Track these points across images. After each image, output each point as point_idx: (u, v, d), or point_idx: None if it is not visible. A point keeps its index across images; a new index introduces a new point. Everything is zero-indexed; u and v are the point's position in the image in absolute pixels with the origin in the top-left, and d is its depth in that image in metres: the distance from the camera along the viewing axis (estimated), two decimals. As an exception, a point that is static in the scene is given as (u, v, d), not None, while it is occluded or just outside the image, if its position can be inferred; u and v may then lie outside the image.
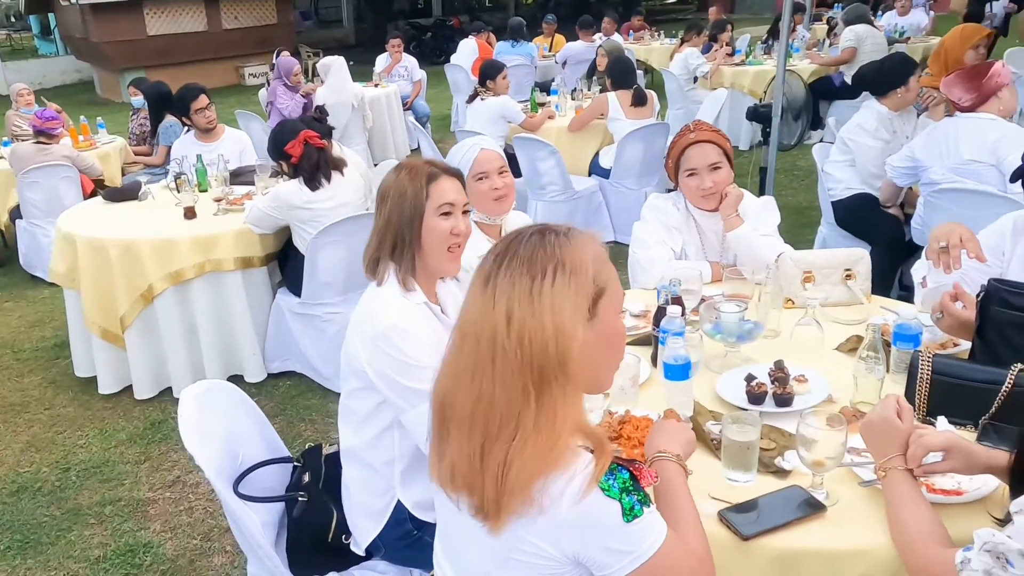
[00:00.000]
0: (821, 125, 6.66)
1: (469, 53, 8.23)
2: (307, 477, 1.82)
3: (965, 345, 1.78)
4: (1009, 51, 6.40)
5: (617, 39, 8.70)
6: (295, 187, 3.19)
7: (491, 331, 1.03)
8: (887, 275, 3.31)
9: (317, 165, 3.18)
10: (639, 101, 4.85)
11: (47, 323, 4.44)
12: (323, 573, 1.77)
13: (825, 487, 1.37)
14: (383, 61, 7.95)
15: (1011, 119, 3.16)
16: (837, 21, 8.27)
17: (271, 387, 3.54)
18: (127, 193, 3.93)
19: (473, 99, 5.25)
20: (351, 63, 6.62)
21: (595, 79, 6.25)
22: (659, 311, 1.83)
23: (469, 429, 1.05)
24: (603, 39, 8.32)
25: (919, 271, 2.09)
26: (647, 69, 9.31)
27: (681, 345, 1.59)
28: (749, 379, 1.67)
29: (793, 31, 7.57)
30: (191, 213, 3.49)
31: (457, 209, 1.68)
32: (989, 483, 1.33)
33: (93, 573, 2.52)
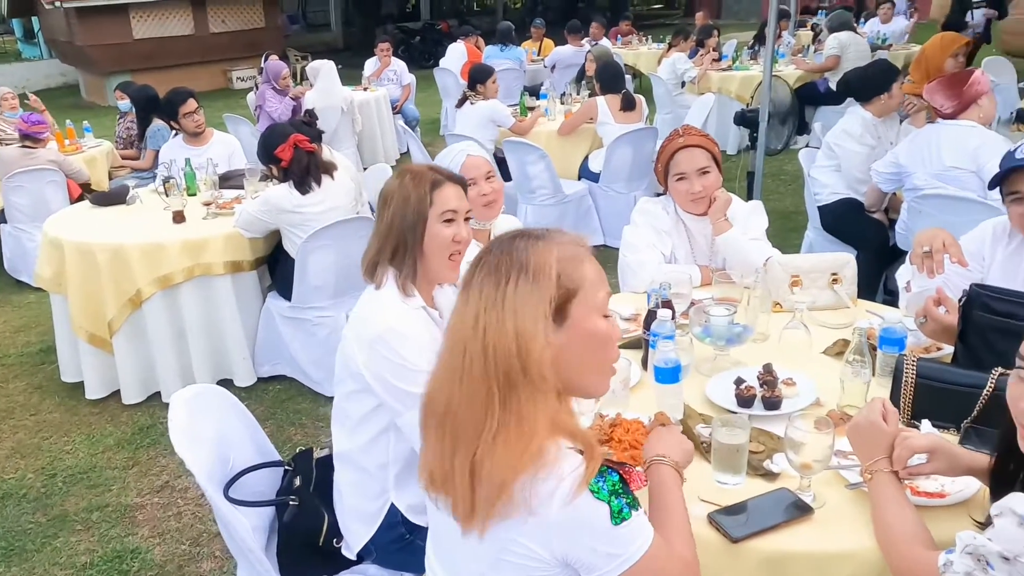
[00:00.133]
0: (807, 130, 6.72)
1: (458, 57, 8.26)
2: (298, 481, 1.82)
3: (948, 349, 1.80)
4: (987, 59, 6.49)
5: (605, 44, 8.76)
6: (285, 191, 3.19)
7: (463, 336, 1.08)
8: (872, 279, 3.35)
9: (307, 169, 3.18)
10: (628, 105, 4.88)
11: (32, 328, 4.41)
12: (314, 578, 1.76)
13: (813, 490, 1.39)
14: (372, 65, 7.95)
15: (990, 126, 3.21)
16: (822, 28, 8.36)
17: (261, 391, 3.53)
18: (115, 197, 3.90)
19: (463, 103, 5.25)
20: (340, 67, 6.61)
21: (584, 83, 6.29)
22: (649, 315, 1.85)
23: (443, 431, 1.09)
24: (591, 44, 8.37)
25: (904, 276, 2.12)
26: (635, 74, 9.36)
27: (671, 348, 1.60)
28: (738, 382, 1.69)
29: (779, 37, 7.64)
30: (180, 217, 3.47)
31: (459, 216, 1.69)
32: (971, 486, 1.36)
33: (80, 580, 2.49)
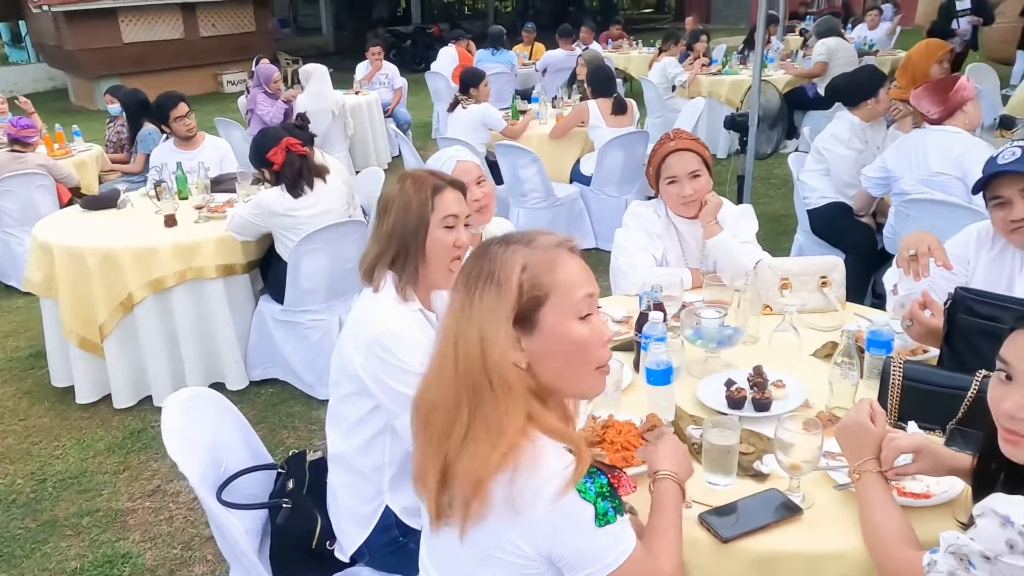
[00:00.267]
0: (796, 134, 6.78)
1: (449, 61, 8.27)
2: (291, 484, 1.82)
3: (934, 352, 1.83)
4: (971, 66, 6.56)
5: (596, 48, 8.79)
6: (277, 194, 3.19)
7: (441, 341, 1.13)
8: (860, 283, 3.38)
9: (300, 172, 3.18)
10: (619, 109, 4.91)
11: (22, 333, 4.38)
12: (307, 580, 1.77)
13: (802, 490, 1.41)
14: (363, 69, 7.96)
15: (975, 132, 3.25)
16: (810, 33, 8.44)
17: (253, 395, 3.52)
18: (105, 201, 3.89)
19: (455, 107, 5.27)
20: (331, 70, 6.62)
21: (575, 87, 6.32)
22: (641, 317, 1.86)
23: (424, 432, 1.13)
24: (582, 48, 8.41)
25: (891, 279, 2.15)
26: (626, 78, 9.41)
27: (663, 350, 1.62)
28: (729, 384, 1.71)
29: (768, 42, 7.71)
30: (172, 221, 3.47)
31: (460, 221, 1.70)
32: (956, 487, 1.38)
33: (70, 585, 2.48)
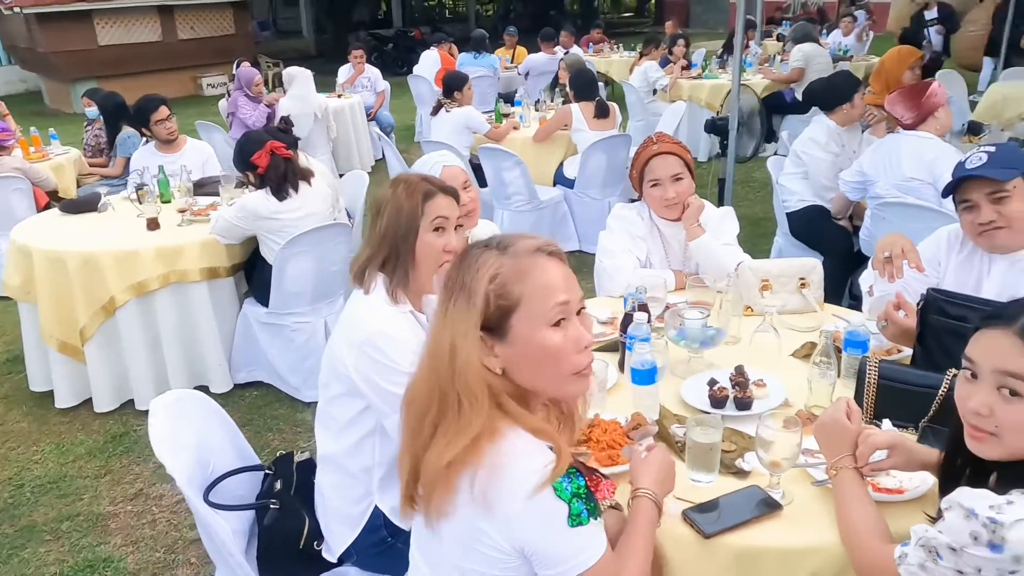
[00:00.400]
0: (775, 138, 6.88)
1: (432, 64, 8.29)
2: (279, 485, 1.83)
3: (908, 351, 1.88)
4: (940, 73, 6.65)
5: (577, 51, 8.86)
6: (262, 197, 3.19)
7: (426, 344, 1.19)
8: (838, 284, 3.44)
9: (284, 175, 3.18)
10: (602, 113, 4.95)
11: (-1, 337, 4.34)
12: (294, 580, 1.78)
13: (781, 487, 1.45)
14: (346, 72, 7.95)
15: (945, 137, 3.33)
16: (788, 39, 8.56)
17: (237, 397, 3.52)
18: (85, 205, 3.86)
19: (438, 110, 5.28)
20: (313, 74, 6.60)
21: (557, 91, 6.36)
22: (626, 318, 1.89)
23: (404, 427, 1.19)
24: (564, 52, 8.47)
25: (866, 280, 2.20)
26: (607, 81, 9.47)
27: (648, 351, 1.65)
28: (711, 384, 1.74)
29: (746, 47, 7.82)
30: (154, 224, 3.45)
31: (450, 224, 1.72)
32: (927, 482, 1.42)
33: (49, 591, 2.47)
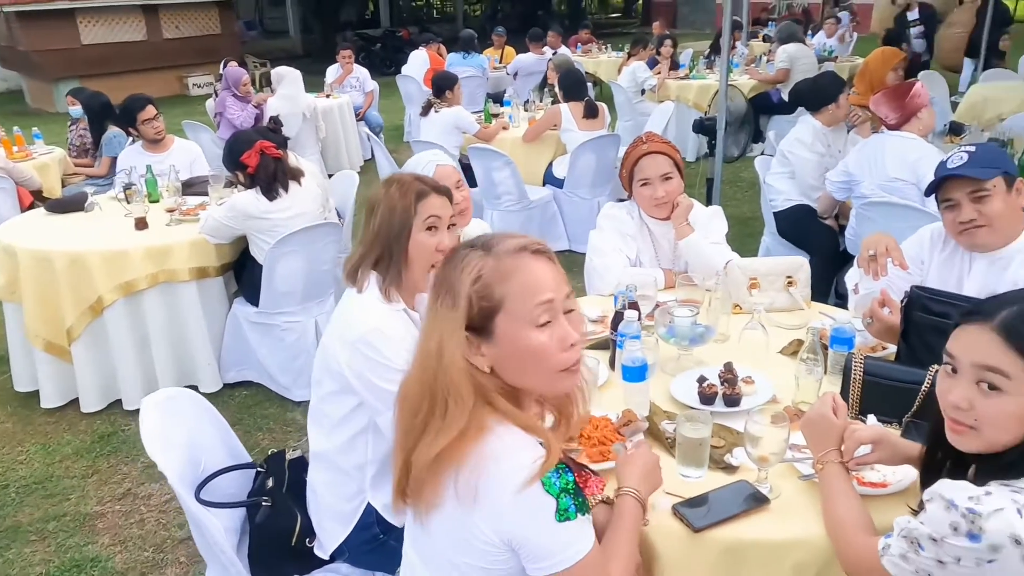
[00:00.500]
0: (761, 138, 6.94)
1: (421, 64, 8.29)
2: (271, 482, 1.84)
3: (893, 348, 1.91)
4: (921, 74, 6.73)
5: (565, 52, 8.89)
6: (252, 197, 3.19)
7: (418, 342, 1.21)
8: (824, 283, 3.48)
9: (274, 175, 3.18)
10: (591, 113, 4.97)
11: (-17, 337, 4.30)
12: (285, 577, 1.78)
13: (769, 481, 1.47)
14: (334, 72, 7.94)
15: (927, 138, 3.38)
16: (774, 39, 8.64)
17: (227, 397, 3.51)
18: (72, 204, 3.83)
19: (428, 110, 5.29)
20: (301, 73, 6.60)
21: (546, 91, 6.38)
22: (617, 316, 1.91)
23: (397, 423, 1.21)
24: (552, 52, 8.50)
25: (852, 278, 2.23)
26: (596, 81, 9.51)
27: (638, 348, 1.67)
28: (701, 380, 1.77)
29: (732, 48, 7.87)
30: (142, 224, 3.44)
31: (443, 223, 1.73)
32: (909, 475, 1.45)
33: (35, 591, 2.45)
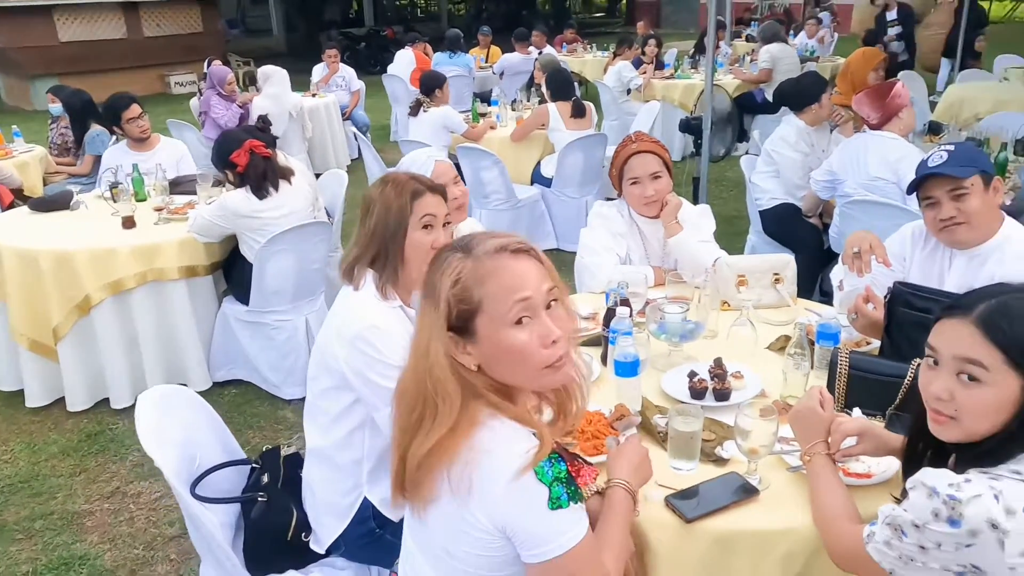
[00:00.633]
0: (746, 138, 7.00)
1: (407, 64, 8.29)
2: (266, 478, 1.86)
3: (876, 343, 1.95)
4: (901, 74, 6.82)
5: (550, 51, 8.92)
6: (242, 196, 3.19)
7: (411, 342, 1.23)
8: (808, 280, 3.54)
9: (264, 174, 3.18)
10: (578, 112, 4.99)
11: (-34, 336, 4.25)
12: (281, 571, 1.80)
13: (759, 473, 1.51)
14: (320, 71, 7.93)
15: (908, 137, 3.45)
16: (758, 39, 8.73)
17: (217, 395, 3.50)
18: (57, 203, 3.81)
19: (417, 110, 5.29)
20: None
21: (533, 90, 6.40)
22: (609, 312, 1.95)
23: (395, 419, 1.24)
24: (537, 52, 8.53)
25: (837, 275, 2.28)
26: (581, 81, 9.56)
27: (631, 344, 1.70)
28: (691, 376, 1.80)
29: (716, 47, 7.94)
30: (130, 223, 3.42)
31: (438, 221, 1.75)
32: (893, 466, 1.50)
33: (21, 589, 2.45)
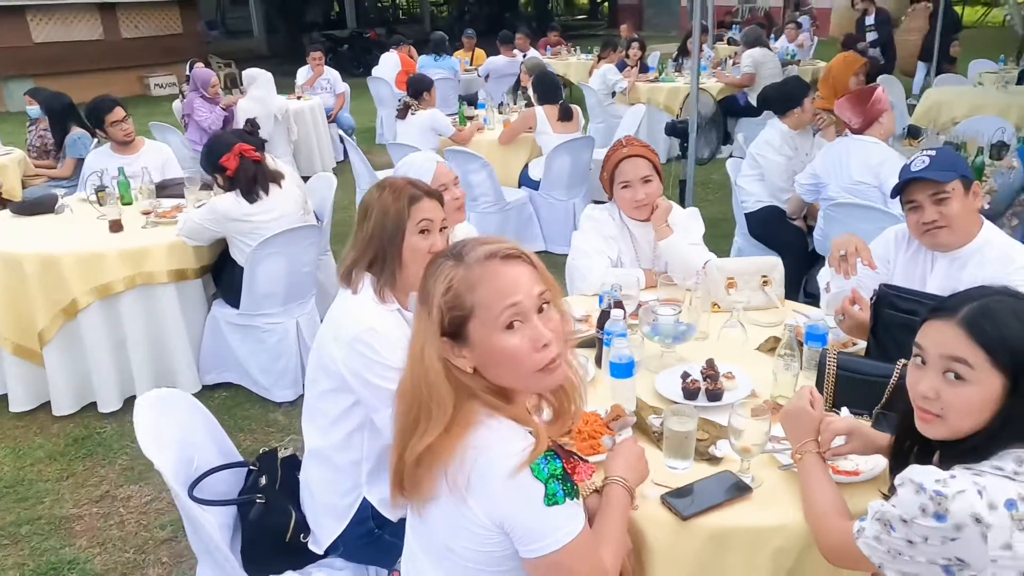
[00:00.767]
0: (730, 140, 7.09)
1: (392, 66, 8.29)
2: (264, 480, 1.87)
3: (863, 344, 2.00)
4: (879, 78, 6.94)
5: (534, 54, 8.97)
6: (232, 200, 3.18)
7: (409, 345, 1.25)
8: (793, 282, 3.60)
9: (254, 178, 3.18)
10: (565, 116, 5.03)
11: (-52, 341, 4.19)
12: (279, 572, 1.81)
13: (751, 471, 1.54)
14: (304, 73, 7.91)
15: (888, 141, 3.52)
16: (741, 42, 8.83)
17: (206, 399, 3.43)
18: (41, 206, 3.78)
19: (405, 112, 5.29)
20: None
21: (520, 93, 6.43)
22: (603, 315, 1.98)
23: (396, 420, 1.26)
24: (523, 55, 8.57)
25: (823, 277, 2.33)
26: (565, 83, 9.61)
27: (626, 345, 1.73)
28: (684, 376, 1.84)
29: (700, 51, 8.02)
30: (117, 226, 3.41)
31: (435, 226, 1.76)
32: (880, 464, 1.54)
33: (8, 594, 2.44)
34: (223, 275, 3.43)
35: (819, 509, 1.39)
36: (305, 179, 4.19)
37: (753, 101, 7.11)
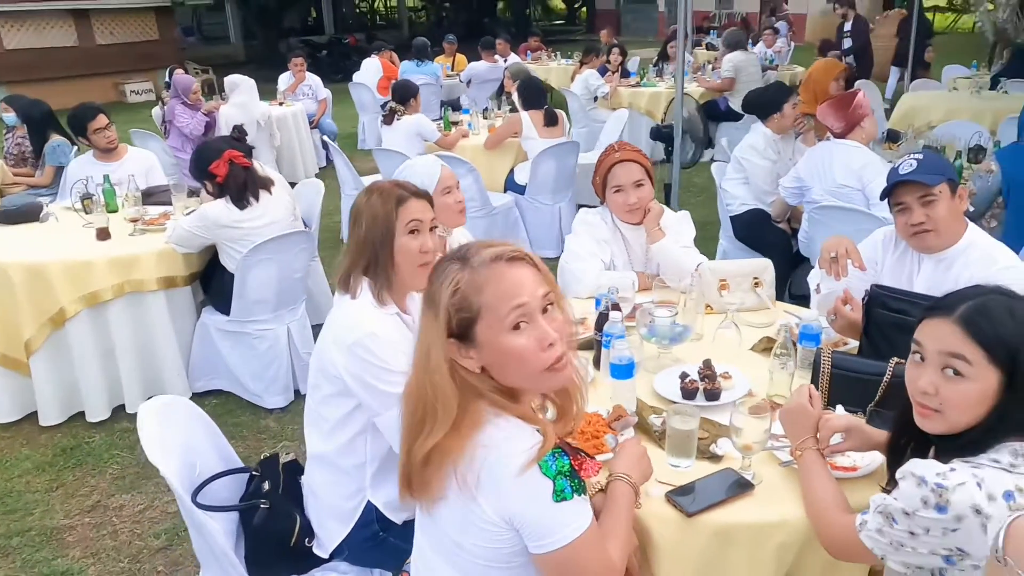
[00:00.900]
0: (712, 145, 7.17)
1: (374, 72, 8.29)
2: (266, 485, 1.86)
3: (854, 343, 2.04)
4: (857, 83, 7.07)
5: (515, 60, 9.00)
6: (222, 206, 3.17)
7: (414, 347, 1.27)
8: (778, 284, 3.65)
9: (244, 184, 3.17)
10: (550, 121, 5.06)
11: (-70, 351, 4.11)
12: (284, 576, 1.81)
13: (752, 468, 1.57)
14: (286, 79, 7.88)
15: (870, 145, 3.60)
16: (720, 47, 8.93)
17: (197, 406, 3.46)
18: (26, 215, 3.73)
19: (391, 118, 5.30)
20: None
21: (504, 98, 6.46)
22: (601, 317, 2.00)
23: (403, 420, 1.28)
24: (504, 61, 8.61)
25: (814, 279, 2.37)
26: (547, 88, 9.65)
27: (626, 347, 1.76)
28: (683, 377, 1.87)
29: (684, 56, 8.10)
30: (104, 234, 3.38)
31: (424, 226, 1.78)
32: (876, 460, 1.57)
33: (2, 609, 2.41)
34: (212, 282, 3.41)
35: (820, 504, 1.42)
36: (292, 185, 4.17)
37: (734, 106, 7.20)
